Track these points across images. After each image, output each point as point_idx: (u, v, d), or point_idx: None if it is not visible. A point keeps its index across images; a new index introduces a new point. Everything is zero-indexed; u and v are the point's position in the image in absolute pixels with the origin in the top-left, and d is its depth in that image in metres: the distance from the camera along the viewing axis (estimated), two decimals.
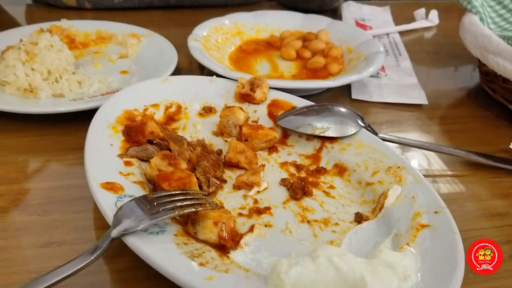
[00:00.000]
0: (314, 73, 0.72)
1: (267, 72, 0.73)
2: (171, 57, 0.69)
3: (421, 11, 0.99)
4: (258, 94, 0.60)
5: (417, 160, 0.58)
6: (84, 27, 0.78)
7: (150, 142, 0.53)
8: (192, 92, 0.61)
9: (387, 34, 0.91)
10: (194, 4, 0.97)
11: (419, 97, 0.70)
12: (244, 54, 0.77)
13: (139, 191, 0.44)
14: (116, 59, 0.72)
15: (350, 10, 0.99)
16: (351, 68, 0.71)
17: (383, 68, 0.78)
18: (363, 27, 0.92)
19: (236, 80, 0.62)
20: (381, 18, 0.98)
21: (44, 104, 0.59)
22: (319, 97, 0.69)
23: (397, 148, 0.59)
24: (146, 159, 0.50)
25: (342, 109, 0.57)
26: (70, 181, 0.51)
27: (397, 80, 0.75)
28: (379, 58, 0.69)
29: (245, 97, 0.60)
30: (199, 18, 0.82)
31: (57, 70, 0.63)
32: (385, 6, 1.03)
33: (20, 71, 0.60)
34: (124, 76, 0.69)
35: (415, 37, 0.93)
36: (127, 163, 0.48)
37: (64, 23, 0.77)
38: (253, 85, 0.60)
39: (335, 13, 0.99)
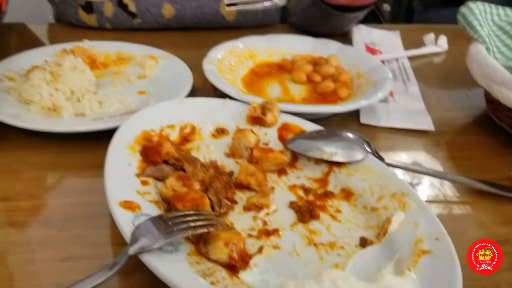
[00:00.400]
0: (324, 97, 0.74)
1: (278, 95, 0.75)
2: (187, 79, 0.72)
3: (431, 36, 1.02)
4: (269, 118, 0.62)
5: (421, 186, 0.60)
6: (105, 48, 0.81)
7: (165, 162, 0.55)
8: (206, 113, 0.64)
9: (397, 59, 0.93)
10: (209, 26, 1.00)
11: (426, 123, 0.72)
12: (257, 77, 0.80)
13: (154, 210, 0.47)
14: (135, 79, 0.76)
15: (360, 34, 1.02)
16: (360, 93, 0.73)
17: (391, 93, 0.80)
18: (373, 51, 0.95)
19: (248, 103, 0.65)
20: (391, 43, 1.00)
21: (67, 123, 0.62)
22: (329, 121, 0.71)
23: (403, 173, 0.61)
24: (161, 179, 0.53)
25: (350, 135, 0.59)
26: (89, 197, 0.53)
27: (405, 106, 0.77)
28: (387, 84, 0.72)
29: (257, 120, 0.63)
30: (214, 40, 0.85)
31: (80, 90, 0.66)
32: (395, 31, 1.05)
33: (45, 91, 0.64)
34: (142, 96, 0.72)
35: (424, 62, 0.96)
36: (144, 183, 0.51)
37: (86, 44, 0.81)
38: (264, 108, 0.63)
39: (346, 37, 1.01)
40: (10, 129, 0.60)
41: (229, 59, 0.81)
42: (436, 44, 1.00)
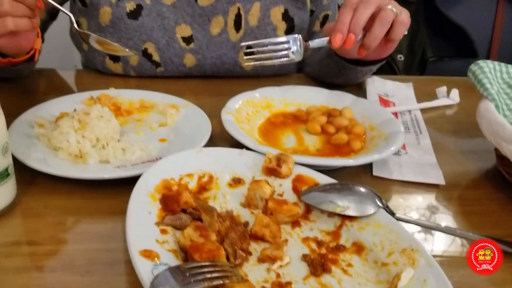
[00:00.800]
0: (338, 149, 0.77)
1: (293, 145, 0.78)
2: (206, 128, 0.76)
3: (443, 89, 1.04)
4: (284, 169, 0.65)
5: (431, 241, 0.62)
6: (129, 96, 0.86)
7: (184, 211, 0.58)
8: (223, 163, 0.67)
9: (409, 111, 0.96)
10: (228, 74, 1.05)
11: (437, 177, 0.74)
12: (273, 127, 0.83)
13: (172, 259, 0.49)
14: (156, 127, 0.79)
15: (374, 85, 1.05)
16: (372, 145, 0.76)
17: (404, 146, 0.82)
18: (386, 103, 0.98)
19: (264, 154, 0.67)
20: (404, 94, 1.03)
21: (92, 170, 0.65)
22: (342, 172, 0.73)
23: (414, 227, 0.63)
24: (179, 228, 0.55)
25: (362, 189, 0.61)
26: (111, 244, 0.56)
27: (417, 159, 0.79)
28: (399, 138, 0.74)
29: (272, 171, 0.66)
30: (232, 88, 0.90)
31: (105, 138, 0.69)
32: (408, 82, 1.08)
33: (73, 138, 0.67)
34: (163, 144, 0.75)
35: (436, 115, 0.98)
36: (163, 231, 0.53)
37: (112, 92, 0.85)
38: (279, 160, 0.66)
39: (360, 87, 1.05)
40: (38, 174, 0.64)
41: (246, 109, 0.84)
42: (448, 96, 1.03)
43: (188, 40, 0.99)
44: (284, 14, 1.02)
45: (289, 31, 1.04)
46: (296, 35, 0.76)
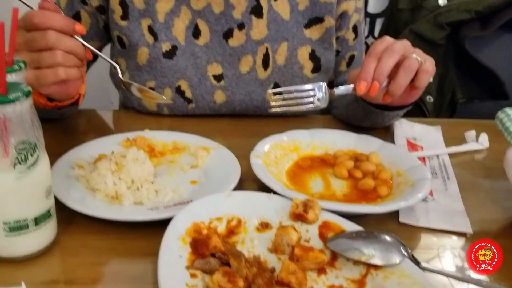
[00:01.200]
0: (364, 195, 0.78)
1: (320, 190, 0.80)
2: (235, 171, 0.79)
3: (472, 133, 1.04)
4: (310, 215, 0.67)
5: None
6: (163, 138, 0.90)
7: (213, 255, 0.60)
8: (251, 207, 0.69)
9: (437, 156, 0.96)
10: (256, 111, 1.08)
11: (465, 226, 0.74)
12: (300, 170, 0.85)
13: None
14: (188, 169, 0.82)
15: (402, 128, 1.06)
16: (399, 192, 0.77)
17: (431, 192, 0.82)
18: (414, 147, 0.99)
19: (292, 199, 0.69)
20: (432, 138, 1.04)
21: (127, 211, 0.69)
22: (368, 217, 0.74)
23: (439, 277, 0.63)
24: (208, 272, 0.58)
25: (388, 238, 0.62)
26: (143, 285, 0.58)
27: (444, 205, 0.79)
28: (426, 185, 0.75)
29: (299, 217, 0.67)
30: (260, 129, 0.93)
31: (139, 180, 0.73)
32: (437, 126, 1.09)
33: (110, 180, 0.71)
34: (193, 186, 0.78)
35: (464, 160, 0.98)
36: (193, 275, 0.56)
37: (147, 134, 0.90)
38: (306, 206, 0.68)
39: (388, 130, 1.06)
40: (76, 214, 0.67)
41: (274, 152, 0.87)
42: (477, 141, 1.03)
43: (218, 78, 1.04)
44: (311, 54, 1.06)
45: (315, 70, 1.07)
46: (321, 83, 0.79)
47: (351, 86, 0.79)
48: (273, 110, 0.81)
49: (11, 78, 0.59)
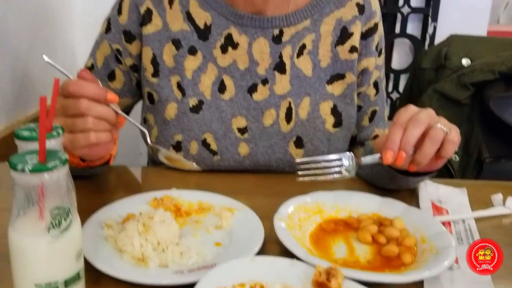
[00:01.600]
0: (388, 261, 0.78)
1: (344, 255, 0.80)
2: (259, 235, 0.80)
3: (498, 196, 1.03)
4: (333, 284, 0.66)
5: None
6: (189, 197, 0.92)
7: None
8: (274, 272, 0.70)
9: (463, 220, 0.95)
10: (279, 165, 1.10)
11: None
12: (324, 233, 0.86)
13: None
14: (212, 230, 0.84)
15: (427, 190, 1.06)
16: (423, 260, 0.76)
17: (456, 260, 0.81)
18: (440, 210, 0.98)
19: (314, 266, 0.69)
20: (457, 201, 1.03)
21: (152, 274, 0.70)
22: (392, 286, 0.73)
23: None
24: None
25: None
26: None
27: (470, 275, 0.77)
28: (450, 254, 0.74)
29: (321, 285, 0.67)
30: (283, 188, 0.94)
31: (165, 241, 0.75)
32: (462, 188, 1.08)
33: (137, 241, 0.73)
34: (217, 248, 0.79)
35: (491, 224, 0.96)
36: None
37: (174, 193, 0.92)
38: (329, 274, 0.68)
39: (412, 192, 1.06)
40: (103, 274, 0.69)
41: (298, 214, 0.88)
42: (504, 205, 1.01)
43: (242, 130, 1.07)
44: (332, 109, 1.09)
45: (337, 124, 1.10)
46: (348, 153, 0.81)
47: (378, 155, 0.81)
48: (301, 179, 0.83)
49: (50, 143, 0.63)
